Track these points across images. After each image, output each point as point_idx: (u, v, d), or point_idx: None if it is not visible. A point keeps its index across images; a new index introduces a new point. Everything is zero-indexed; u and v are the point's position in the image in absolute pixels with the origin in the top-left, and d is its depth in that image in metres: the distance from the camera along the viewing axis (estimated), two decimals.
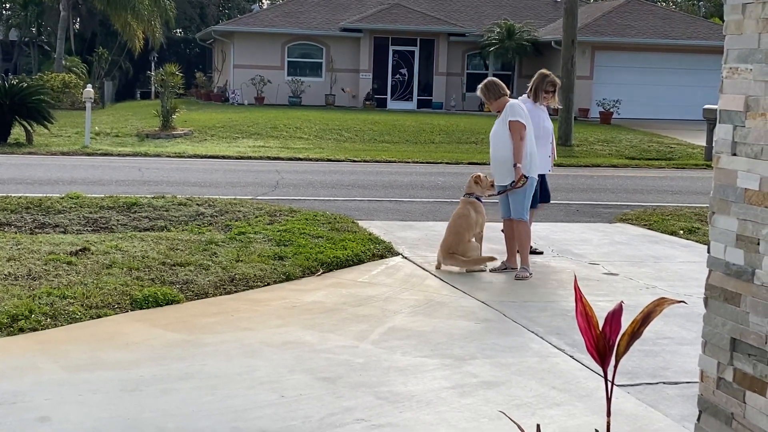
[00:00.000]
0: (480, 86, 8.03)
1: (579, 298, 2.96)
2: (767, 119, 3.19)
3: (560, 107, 9.30)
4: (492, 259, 8.08)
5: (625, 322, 3.18)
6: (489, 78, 8.17)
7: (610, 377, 2.89)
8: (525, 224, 7.94)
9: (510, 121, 7.72)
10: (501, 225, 8.40)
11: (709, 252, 3.50)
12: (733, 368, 3.32)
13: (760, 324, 3.20)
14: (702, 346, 3.52)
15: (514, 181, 7.76)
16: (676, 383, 5.08)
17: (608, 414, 2.88)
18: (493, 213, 8.64)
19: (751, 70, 3.27)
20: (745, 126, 3.30)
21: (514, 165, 7.71)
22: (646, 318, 2.85)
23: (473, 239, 8.05)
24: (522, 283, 7.61)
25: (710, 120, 19.85)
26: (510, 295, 7.17)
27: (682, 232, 10.36)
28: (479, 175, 8.24)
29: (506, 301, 6.94)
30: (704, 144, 21.49)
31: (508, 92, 8.04)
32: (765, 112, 3.20)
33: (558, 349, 5.72)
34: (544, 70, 9.06)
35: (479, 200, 8.16)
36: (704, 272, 3.59)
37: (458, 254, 7.91)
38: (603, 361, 2.81)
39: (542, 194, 8.84)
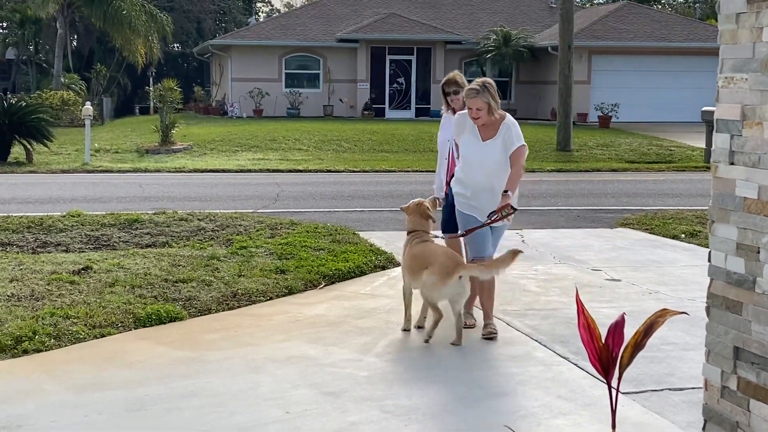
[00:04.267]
0: (477, 86, 6.15)
1: (581, 310, 2.97)
2: (764, 128, 3.20)
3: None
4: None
5: (629, 328, 3.18)
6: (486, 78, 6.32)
7: (614, 389, 2.90)
8: None
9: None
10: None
11: (710, 261, 3.50)
12: (736, 377, 3.33)
13: (762, 332, 3.21)
14: (705, 355, 3.53)
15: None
16: (681, 389, 5.07)
17: (613, 426, 2.88)
18: None
19: (746, 79, 3.28)
20: (743, 135, 3.31)
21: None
22: (648, 329, 2.86)
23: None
24: (524, 291, 7.61)
25: (709, 122, 19.86)
26: (513, 303, 7.16)
27: (683, 235, 10.36)
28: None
29: (509, 309, 6.94)
30: (703, 146, 21.50)
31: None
32: (762, 121, 3.21)
33: (562, 357, 5.72)
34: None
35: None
36: (707, 276, 3.59)
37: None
38: (607, 374, 2.82)
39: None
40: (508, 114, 6.33)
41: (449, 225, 6.88)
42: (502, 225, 6.34)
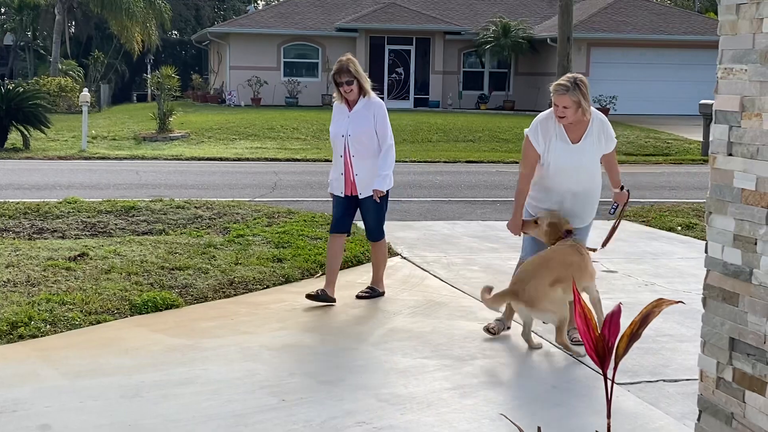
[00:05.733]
0: (568, 82, 5.76)
1: (578, 300, 2.97)
2: (763, 119, 3.20)
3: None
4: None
5: (625, 319, 3.19)
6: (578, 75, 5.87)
7: (609, 379, 2.90)
8: None
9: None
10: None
11: (706, 252, 3.51)
12: (732, 368, 3.33)
13: (758, 323, 3.21)
14: (701, 346, 3.53)
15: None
16: (675, 381, 5.09)
17: (608, 416, 2.89)
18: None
19: (745, 70, 3.28)
20: (741, 126, 3.31)
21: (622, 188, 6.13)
22: (644, 319, 2.86)
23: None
24: None
25: (706, 115, 19.85)
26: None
27: (680, 228, 10.38)
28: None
29: None
30: (701, 139, 21.49)
31: None
32: (760, 112, 3.21)
33: (558, 348, 5.72)
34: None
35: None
36: (702, 268, 3.60)
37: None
38: (602, 363, 2.82)
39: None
40: (593, 108, 5.80)
41: (340, 223, 6.79)
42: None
